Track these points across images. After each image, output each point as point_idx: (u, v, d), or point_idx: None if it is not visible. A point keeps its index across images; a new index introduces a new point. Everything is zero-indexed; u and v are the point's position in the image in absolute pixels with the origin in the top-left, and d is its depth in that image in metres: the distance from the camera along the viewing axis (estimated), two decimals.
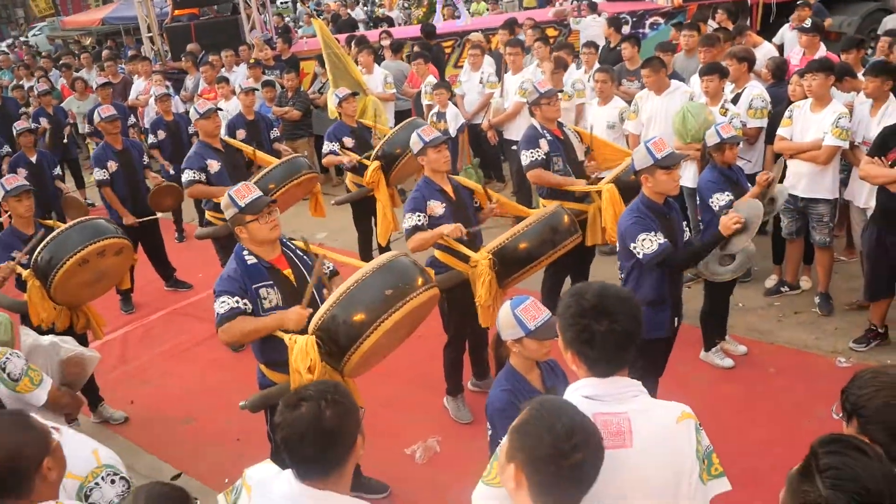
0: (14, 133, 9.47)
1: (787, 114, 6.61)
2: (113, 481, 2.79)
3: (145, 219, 8.12)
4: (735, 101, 7.18)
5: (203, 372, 7.05)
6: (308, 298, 4.18)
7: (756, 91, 7.17)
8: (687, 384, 5.58)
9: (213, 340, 7.49)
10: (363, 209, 7.99)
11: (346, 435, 2.36)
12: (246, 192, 4.23)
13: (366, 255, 7.81)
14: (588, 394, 2.45)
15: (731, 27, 9.68)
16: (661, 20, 13.31)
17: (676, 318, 4.91)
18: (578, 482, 2.09)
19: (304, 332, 4.04)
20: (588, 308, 2.42)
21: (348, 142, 7.85)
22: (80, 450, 2.81)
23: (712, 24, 10.24)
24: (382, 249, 7.98)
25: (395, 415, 5.83)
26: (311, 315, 4.08)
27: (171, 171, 9.60)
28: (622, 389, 2.46)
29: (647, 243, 4.58)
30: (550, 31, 12.45)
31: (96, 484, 2.78)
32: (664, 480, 2.41)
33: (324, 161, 7.97)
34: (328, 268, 4.66)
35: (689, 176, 6.95)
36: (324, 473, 2.35)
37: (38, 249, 5.52)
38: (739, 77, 7.28)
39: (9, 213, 6.01)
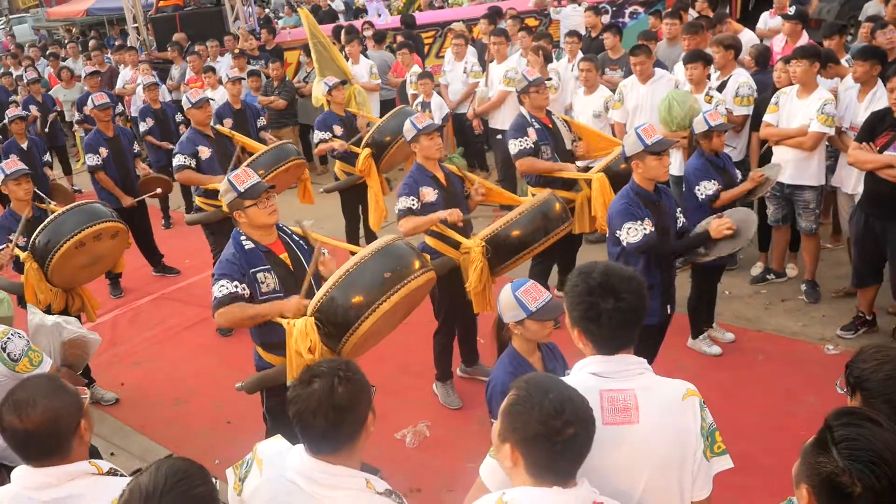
0: (6, 120, 9.51)
1: (773, 100, 6.68)
2: None
3: (140, 197, 8.20)
4: (721, 88, 7.25)
5: (192, 355, 7.10)
6: (307, 288, 4.24)
7: (742, 79, 7.24)
8: (675, 371, 5.56)
9: (201, 325, 7.59)
10: (351, 197, 8.05)
11: (357, 411, 2.40)
12: (245, 177, 4.28)
13: (353, 243, 7.86)
14: (595, 371, 2.52)
15: (711, 15, 9.77)
16: (640, 9, 13.37)
17: (669, 306, 4.98)
18: (572, 456, 2.15)
19: (302, 315, 4.10)
20: (595, 286, 2.48)
21: (338, 130, 7.91)
22: None
23: (692, 13, 10.34)
24: (370, 237, 8.06)
25: (385, 399, 5.77)
26: (292, 278, 4.19)
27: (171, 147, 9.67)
28: (628, 367, 2.52)
29: (633, 232, 4.66)
30: (531, 21, 12.47)
31: None
32: (669, 456, 2.47)
33: (316, 150, 8.00)
34: (323, 254, 4.71)
35: (674, 164, 7.04)
36: (334, 448, 2.39)
37: (36, 232, 5.61)
38: (725, 65, 7.35)
39: None
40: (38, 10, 29.14)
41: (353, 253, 7.04)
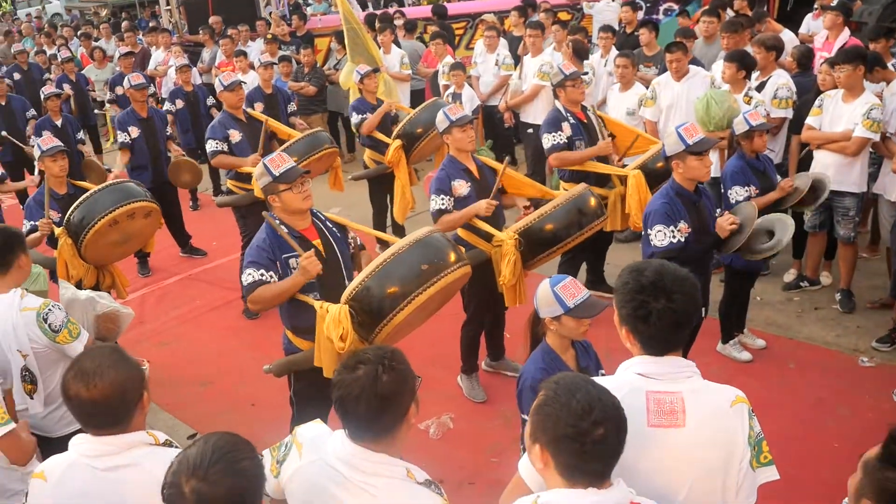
0: (42, 97, 9.62)
1: (816, 103, 6.57)
2: None
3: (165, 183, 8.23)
4: (759, 89, 7.14)
5: (218, 337, 7.14)
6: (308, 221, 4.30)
7: (782, 80, 7.12)
8: (704, 376, 5.56)
9: (227, 307, 7.64)
10: (380, 186, 8.07)
11: (399, 401, 2.39)
12: (280, 161, 4.26)
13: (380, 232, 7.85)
14: (641, 371, 2.47)
15: (750, 14, 9.67)
16: (675, 6, 13.28)
17: (704, 308, 4.94)
18: (603, 456, 2.12)
19: (336, 301, 4.08)
20: (646, 284, 2.43)
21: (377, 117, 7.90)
22: None
23: (729, 12, 10.23)
24: (397, 227, 8.05)
25: None
26: (324, 264, 4.16)
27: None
28: (677, 369, 2.48)
29: (661, 236, 4.63)
30: (563, 15, 12.41)
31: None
32: (714, 463, 2.42)
33: (364, 128, 7.93)
34: (353, 239, 4.69)
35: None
36: (375, 436, 2.38)
37: (71, 209, 5.67)
38: (766, 65, 7.22)
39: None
40: None
41: (379, 240, 7.16)
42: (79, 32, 16.90)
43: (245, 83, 7.88)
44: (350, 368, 2.39)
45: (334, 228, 4.49)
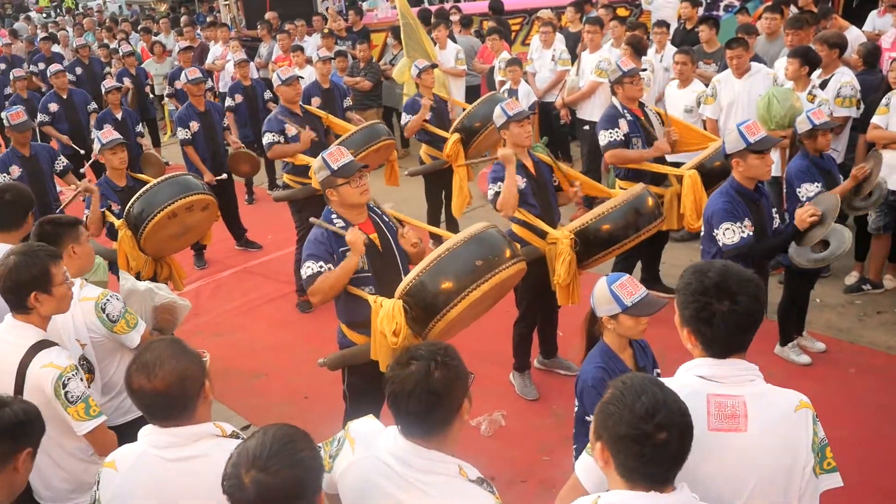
0: (102, 91, 9.82)
1: (884, 101, 6.41)
2: None
3: (221, 177, 8.33)
4: (823, 87, 6.98)
5: (272, 329, 7.20)
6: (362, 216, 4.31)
7: (846, 78, 6.97)
8: (762, 378, 5.47)
9: (281, 300, 7.70)
10: (435, 182, 8.06)
11: (452, 397, 2.37)
12: (339, 155, 4.28)
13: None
14: (703, 374, 2.44)
15: (815, 10, 9.45)
16: (736, 2, 13.07)
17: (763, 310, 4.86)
18: (664, 461, 2.10)
19: (391, 295, 4.09)
20: (710, 286, 2.39)
21: (428, 108, 7.89)
22: None
23: (793, 9, 10.02)
24: (451, 222, 8.05)
25: None
26: (380, 259, 4.21)
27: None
28: (739, 372, 2.43)
29: (730, 233, 4.56)
30: (621, 11, 12.29)
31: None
32: (777, 469, 2.38)
33: (406, 130, 7.97)
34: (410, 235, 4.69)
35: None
36: (427, 432, 2.38)
37: (131, 201, 5.79)
38: (829, 63, 7.07)
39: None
40: None
41: (432, 235, 7.17)
42: (139, 27, 17.23)
43: (302, 78, 7.95)
44: (403, 364, 2.39)
45: (391, 223, 4.50)
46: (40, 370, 3.27)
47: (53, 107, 10.15)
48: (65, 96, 10.29)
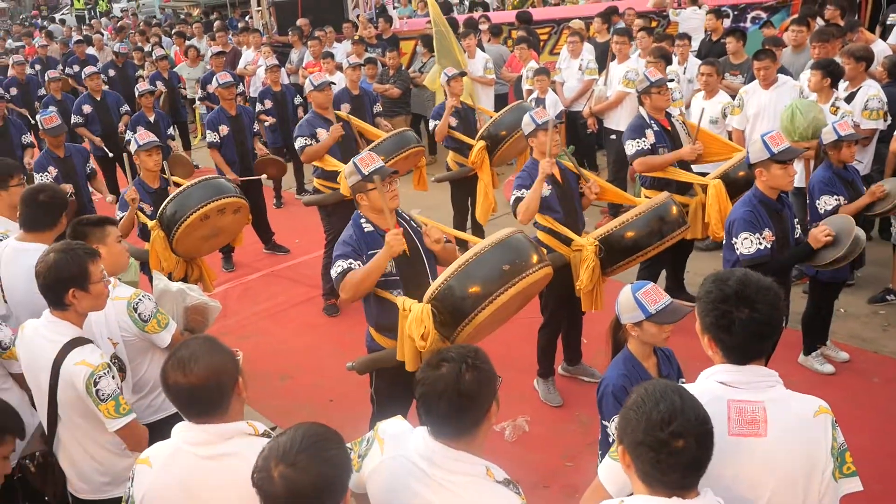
0: (136, 94, 9.99)
1: None
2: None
3: (248, 178, 8.38)
4: (849, 100, 6.99)
5: (299, 332, 7.29)
6: (393, 219, 4.33)
7: (872, 91, 6.98)
8: (785, 386, 5.45)
9: (308, 303, 7.79)
10: (462, 188, 8.14)
11: (481, 400, 2.44)
12: (370, 160, 4.36)
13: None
14: (723, 380, 2.49)
15: (841, 23, 9.44)
16: (763, 14, 13.05)
17: (784, 318, 4.88)
18: (683, 469, 2.13)
19: (419, 299, 4.16)
20: (730, 294, 2.45)
21: (452, 121, 7.98)
22: None
23: (819, 21, 10.01)
24: (477, 229, 8.11)
25: None
26: (408, 263, 4.27)
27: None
28: (759, 378, 2.48)
29: (747, 243, 4.58)
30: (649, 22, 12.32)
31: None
32: (797, 473, 2.42)
33: (437, 135, 8.08)
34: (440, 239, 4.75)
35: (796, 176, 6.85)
36: (456, 434, 2.44)
37: (164, 203, 5.89)
38: (856, 76, 7.08)
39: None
40: None
41: (457, 240, 7.22)
42: (173, 31, 17.51)
43: (334, 84, 8.05)
44: (434, 366, 2.46)
45: (419, 228, 4.56)
46: (73, 367, 3.33)
47: (87, 108, 10.32)
48: (98, 98, 10.44)
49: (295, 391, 6.27)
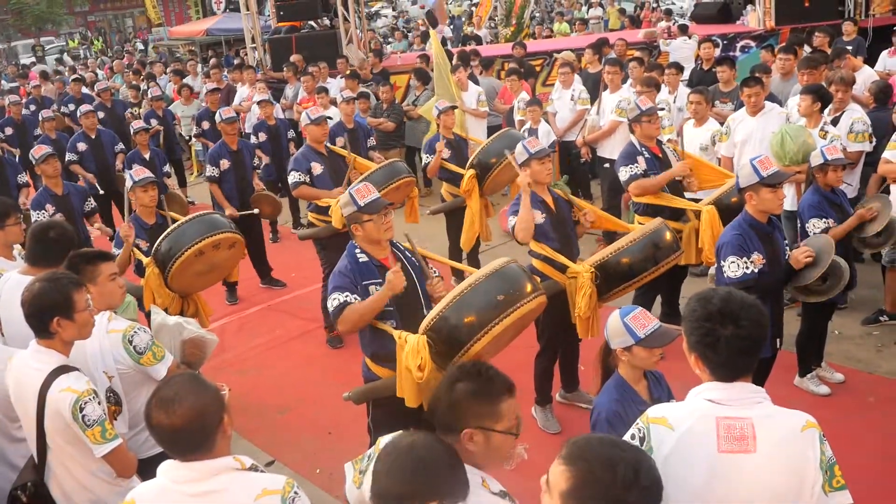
0: (131, 132, 10.09)
1: (894, 137, 6.48)
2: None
3: (246, 212, 8.43)
4: (834, 123, 7.10)
5: (297, 366, 7.29)
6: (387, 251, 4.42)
7: (857, 115, 7.10)
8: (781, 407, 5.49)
9: (307, 336, 7.80)
10: (456, 219, 8.14)
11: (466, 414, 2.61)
12: (366, 192, 4.41)
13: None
14: (711, 397, 2.52)
15: (828, 50, 9.58)
16: (752, 43, 13.26)
17: (778, 339, 4.92)
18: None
19: (414, 330, 4.19)
20: (714, 312, 2.50)
21: (445, 153, 8.05)
22: None
23: (807, 49, 10.16)
24: (472, 259, 8.14)
25: None
26: (402, 294, 4.28)
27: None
28: (746, 395, 2.51)
29: (734, 267, 4.61)
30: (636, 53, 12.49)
31: None
32: (786, 488, 2.44)
33: (428, 170, 8.16)
34: (435, 273, 4.80)
35: (787, 199, 6.90)
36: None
37: (159, 239, 5.89)
38: (840, 101, 7.19)
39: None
40: (160, 28, 30.70)
41: (454, 270, 7.25)
42: (168, 69, 17.72)
43: (331, 118, 8.13)
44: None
45: (413, 259, 4.61)
46: (59, 394, 3.37)
47: (82, 146, 10.34)
48: (93, 136, 10.48)
49: (293, 424, 6.26)
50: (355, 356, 4.73)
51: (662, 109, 8.35)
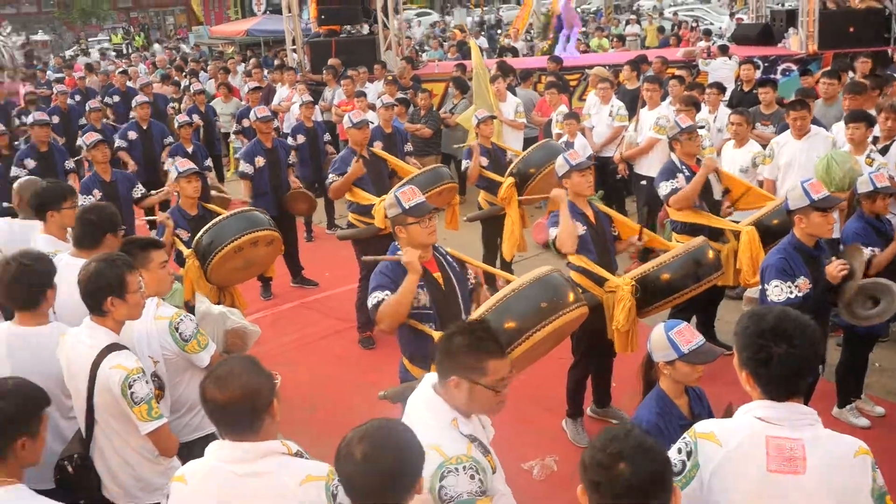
0: (177, 126, 10.29)
1: None
2: None
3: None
4: (884, 152, 7.01)
5: (327, 364, 7.32)
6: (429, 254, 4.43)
7: None
8: None
9: (338, 336, 7.84)
10: (493, 227, 8.19)
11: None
12: (412, 195, 4.42)
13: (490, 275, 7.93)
14: (761, 415, 2.50)
15: (874, 76, 9.50)
16: (793, 66, 13.18)
17: (821, 366, 4.87)
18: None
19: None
20: (767, 329, 2.48)
21: (483, 161, 8.08)
22: None
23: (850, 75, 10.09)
24: (505, 268, 8.14)
25: (513, 429, 5.85)
26: (443, 297, 4.35)
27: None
28: (798, 416, 2.50)
29: (778, 290, 4.58)
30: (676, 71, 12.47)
31: None
32: None
33: (468, 175, 8.18)
34: (473, 279, 4.82)
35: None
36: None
37: (201, 232, 6.00)
38: (890, 129, 7.10)
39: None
40: (200, 27, 31.10)
41: (486, 277, 7.23)
42: (211, 67, 18.11)
43: (373, 123, 8.20)
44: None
45: (454, 263, 4.62)
46: (109, 370, 3.48)
47: (132, 135, 10.57)
48: (145, 127, 10.70)
49: (322, 422, 6.27)
50: (387, 357, 4.76)
51: (702, 128, 8.31)
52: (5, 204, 8.09)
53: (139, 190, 7.89)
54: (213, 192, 8.89)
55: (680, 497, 2.28)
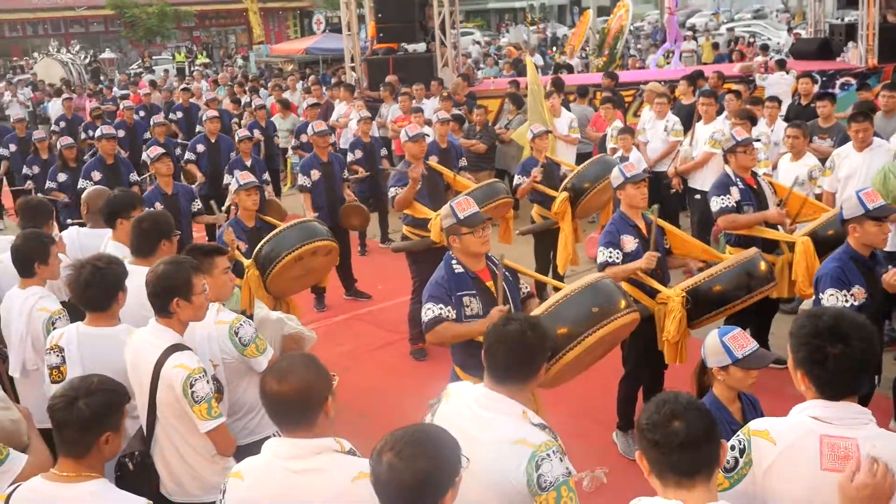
0: (237, 140, 10.55)
1: None
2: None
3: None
4: None
5: (379, 373, 7.40)
6: (501, 297, 4.45)
7: None
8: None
9: (391, 347, 7.91)
10: (545, 241, 8.23)
11: (539, 356, 3.05)
12: (466, 205, 4.52)
13: (539, 287, 7.98)
14: (816, 415, 2.52)
15: None
16: (852, 80, 13.00)
17: (877, 376, 4.82)
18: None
19: None
20: (823, 329, 2.50)
21: (537, 175, 8.14)
22: None
23: None
24: (557, 280, 8.15)
25: (563, 442, 5.80)
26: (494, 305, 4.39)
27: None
28: (853, 415, 2.51)
29: (833, 300, 4.53)
30: (731, 86, 12.38)
31: None
32: None
33: (518, 192, 8.25)
34: (525, 288, 4.88)
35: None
36: (509, 381, 2.98)
37: (261, 243, 6.14)
38: None
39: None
40: (261, 46, 31.79)
41: (537, 286, 7.27)
42: (270, 84, 18.48)
43: (428, 136, 8.32)
44: (503, 324, 3.05)
45: (507, 272, 4.68)
46: (172, 370, 3.60)
47: (200, 147, 10.91)
48: (213, 140, 11.02)
49: (372, 428, 6.24)
50: (439, 368, 4.81)
51: (759, 141, 8.25)
52: (69, 221, 8.36)
53: (196, 204, 8.09)
54: (268, 199, 9.14)
55: (727, 448, 2.48)
